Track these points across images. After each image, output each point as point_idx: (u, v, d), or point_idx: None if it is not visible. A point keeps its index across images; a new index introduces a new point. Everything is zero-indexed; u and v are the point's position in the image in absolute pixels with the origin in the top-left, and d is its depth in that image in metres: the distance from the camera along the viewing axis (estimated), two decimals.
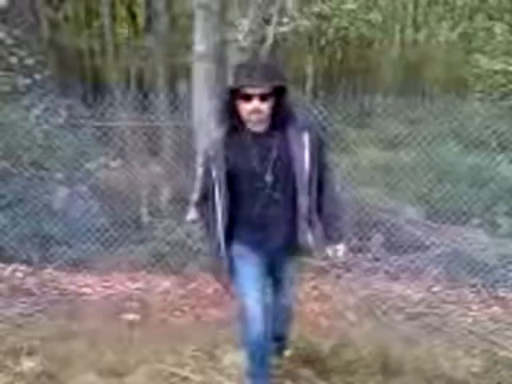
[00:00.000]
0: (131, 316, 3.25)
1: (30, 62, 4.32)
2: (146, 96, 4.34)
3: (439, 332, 3.08)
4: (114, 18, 7.83)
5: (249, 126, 1.98)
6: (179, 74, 8.10)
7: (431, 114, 4.45)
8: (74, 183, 4.23)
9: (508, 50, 8.54)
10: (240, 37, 4.77)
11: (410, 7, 12.36)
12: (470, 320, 3.26)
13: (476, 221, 4.13)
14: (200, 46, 4.29)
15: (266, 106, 1.90)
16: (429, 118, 4.50)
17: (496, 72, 8.43)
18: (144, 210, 4.25)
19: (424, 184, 4.24)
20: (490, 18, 9.19)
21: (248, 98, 1.89)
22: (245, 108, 1.91)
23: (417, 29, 12.47)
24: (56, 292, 3.62)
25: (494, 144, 4.35)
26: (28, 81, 4.30)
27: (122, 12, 10.28)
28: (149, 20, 8.86)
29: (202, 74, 4.30)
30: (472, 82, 9.34)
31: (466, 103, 6.01)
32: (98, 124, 4.10)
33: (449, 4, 10.24)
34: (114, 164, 4.60)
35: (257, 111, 1.90)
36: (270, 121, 1.98)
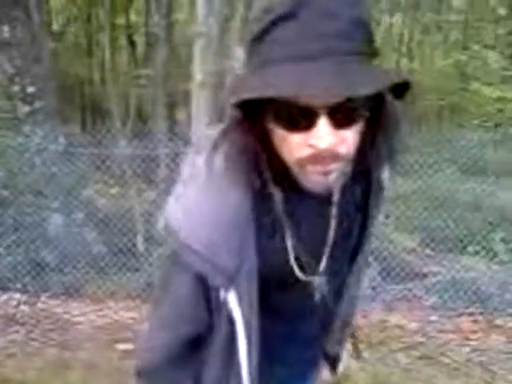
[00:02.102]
0: (125, 346, 3.21)
1: (30, 90, 4.37)
2: (144, 123, 4.39)
3: (438, 362, 3.05)
4: (113, 46, 7.97)
5: (303, 181, 0.78)
6: (178, 101, 8.20)
7: (428, 141, 4.49)
8: (70, 210, 4.24)
9: (502, 77, 8.66)
10: (237, 65, 4.84)
11: (406, 37, 12.59)
12: (468, 349, 3.22)
13: (473, 248, 4.12)
14: (199, 74, 4.35)
15: (351, 138, 0.73)
16: (425, 145, 4.53)
17: (491, 99, 8.53)
18: (140, 238, 4.24)
19: (421, 212, 4.25)
20: (485, 46, 9.35)
21: (303, 118, 0.70)
22: (294, 146, 0.73)
23: (412, 58, 12.67)
24: (50, 321, 3.58)
25: (491, 171, 4.38)
26: (28, 108, 4.34)
27: (122, 41, 10.45)
28: (148, 48, 9.02)
29: (201, 102, 4.35)
30: (467, 110, 9.45)
31: (462, 130, 6.07)
32: (96, 151, 4.13)
33: (443, 33, 10.44)
34: (111, 191, 4.62)
35: (330, 155, 0.72)
36: (353, 164, 0.82)
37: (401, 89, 0.74)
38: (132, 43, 10.57)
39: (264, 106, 0.73)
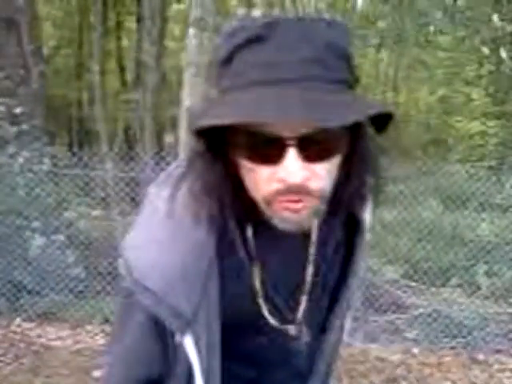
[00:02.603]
0: (100, 373, 3.12)
1: (17, 111, 4.36)
2: (131, 147, 4.38)
3: None
4: (103, 71, 8.03)
5: (273, 219, 0.70)
6: (166, 126, 8.23)
7: (412, 173, 4.54)
8: (51, 232, 4.17)
9: (485, 112, 8.88)
10: None
11: (391, 71, 12.89)
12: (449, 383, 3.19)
13: (455, 281, 4.13)
14: (188, 100, 4.38)
15: (324, 173, 0.67)
16: (410, 177, 4.58)
17: (474, 134, 8.72)
18: (121, 261, 4.17)
19: (404, 243, 4.26)
20: (468, 83, 9.61)
21: (270, 150, 0.64)
22: (262, 180, 0.67)
23: (397, 91, 12.95)
24: (23, 345, 3.47)
25: (475, 204, 4.43)
26: (15, 129, 4.32)
27: (112, 65, 10.54)
28: (138, 73, 9.10)
29: (189, 140, 4.37)
30: (451, 143, 9.64)
31: (446, 163, 6.16)
32: (80, 173, 4.10)
33: (428, 69, 10.72)
34: (94, 213, 4.56)
35: (300, 190, 0.65)
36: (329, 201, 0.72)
37: (382, 121, 0.68)
38: (122, 68, 10.66)
39: (229, 136, 0.67)
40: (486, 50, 8.82)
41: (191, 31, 4.52)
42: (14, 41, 4.36)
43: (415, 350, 3.58)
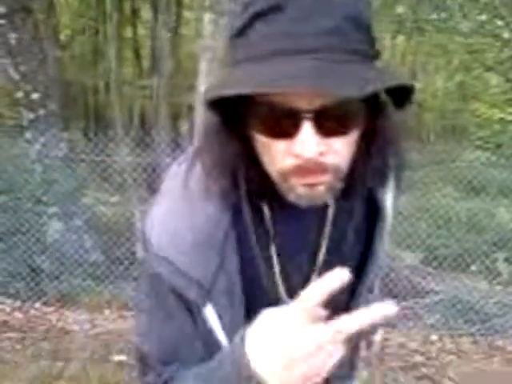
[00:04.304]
0: (119, 357, 3.14)
1: (35, 96, 4.37)
2: (147, 133, 4.38)
3: (437, 383, 2.98)
4: (119, 58, 8.03)
5: (288, 194, 0.68)
6: (182, 113, 8.23)
7: (431, 160, 4.48)
8: (69, 217, 4.20)
9: (504, 99, 8.72)
10: None
11: (408, 58, 12.70)
12: (468, 370, 3.15)
13: (475, 267, 4.07)
14: (204, 87, 4.36)
15: (342, 148, 0.65)
16: (428, 164, 4.52)
17: (493, 120, 8.57)
18: (139, 247, 4.19)
19: (423, 229, 4.21)
20: (488, 69, 9.42)
21: (286, 123, 0.62)
22: (277, 154, 0.65)
23: (414, 78, 12.76)
24: (43, 328, 3.51)
25: (494, 191, 4.35)
26: (32, 115, 4.34)
27: (128, 53, 10.55)
28: (154, 61, 9.09)
29: (204, 114, 4.35)
30: (469, 130, 9.49)
31: (465, 150, 6.07)
32: (98, 159, 4.11)
33: (447, 55, 10.53)
34: (111, 199, 4.58)
35: (316, 166, 0.63)
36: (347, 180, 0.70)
37: (402, 96, 0.65)
38: (138, 56, 10.67)
39: (244, 109, 0.65)
40: (506, 35, 8.62)
41: (207, 16, 4.49)
42: (30, 28, 4.37)
43: (434, 337, 3.55)
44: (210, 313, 0.72)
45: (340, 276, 0.57)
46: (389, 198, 0.86)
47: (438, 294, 3.83)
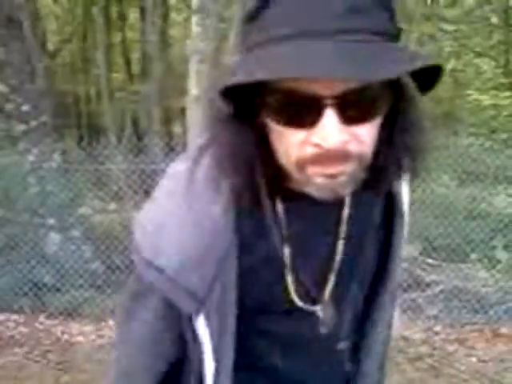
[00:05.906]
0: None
1: (26, 108, 4.35)
2: (140, 139, 4.37)
3: (443, 373, 2.99)
4: (109, 64, 8.00)
5: (306, 186, 0.64)
6: (174, 116, 8.21)
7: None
8: (67, 228, 4.19)
9: (496, 85, 8.71)
10: None
11: None
12: (474, 359, 3.16)
13: (475, 256, 4.08)
14: (195, 89, 4.35)
15: (366, 136, 0.60)
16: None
17: (486, 107, 8.56)
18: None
19: (421, 220, 4.20)
20: (479, 55, 9.42)
21: (306, 111, 0.57)
22: (295, 144, 0.60)
23: None
24: (48, 342, 3.51)
25: (490, 178, 4.35)
26: (24, 127, 4.32)
27: (117, 58, 10.50)
28: (144, 65, 9.06)
29: (196, 117, 4.34)
30: (462, 117, 9.48)
31: (459, 137, 6.06)
32: (92, 167, 4.10)
33: (436, 43, 10.52)
34: (108, 207, 4.57)
35: (338, 155, 0.58)
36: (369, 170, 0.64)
37: (426, 79, 0.60)
38: (128, 61, 10.62)
39: (259, 97, 0.60)
40: (494, 20, 8.62)
41: (194, 18, 4.47)
42: (16, 38, 4.34)
43: (437, 328, 3.56)
44: (200, 321, 0.69)
45: None
46: (405, 192, 0.82)
47: (438, 285, 3.84)
